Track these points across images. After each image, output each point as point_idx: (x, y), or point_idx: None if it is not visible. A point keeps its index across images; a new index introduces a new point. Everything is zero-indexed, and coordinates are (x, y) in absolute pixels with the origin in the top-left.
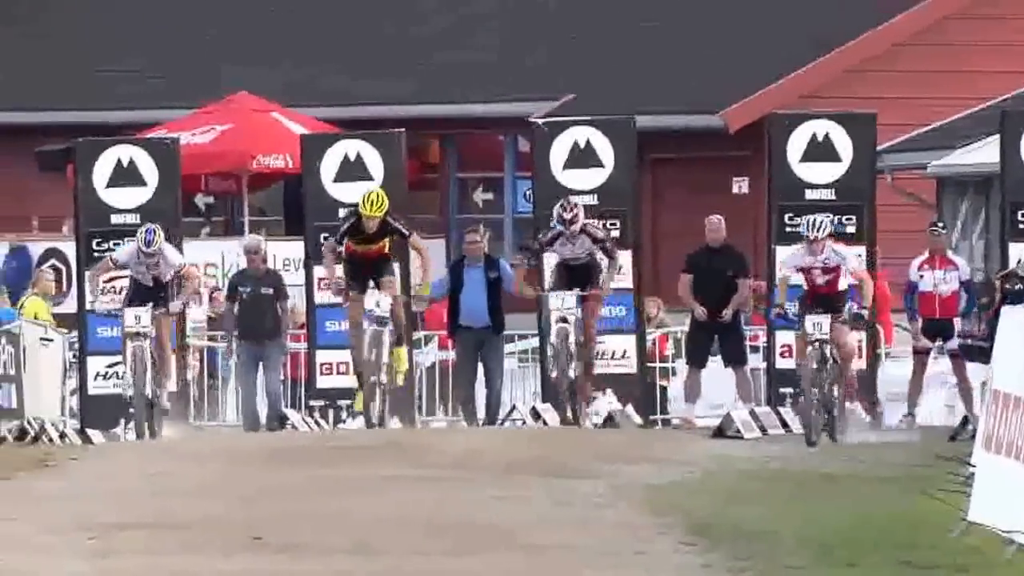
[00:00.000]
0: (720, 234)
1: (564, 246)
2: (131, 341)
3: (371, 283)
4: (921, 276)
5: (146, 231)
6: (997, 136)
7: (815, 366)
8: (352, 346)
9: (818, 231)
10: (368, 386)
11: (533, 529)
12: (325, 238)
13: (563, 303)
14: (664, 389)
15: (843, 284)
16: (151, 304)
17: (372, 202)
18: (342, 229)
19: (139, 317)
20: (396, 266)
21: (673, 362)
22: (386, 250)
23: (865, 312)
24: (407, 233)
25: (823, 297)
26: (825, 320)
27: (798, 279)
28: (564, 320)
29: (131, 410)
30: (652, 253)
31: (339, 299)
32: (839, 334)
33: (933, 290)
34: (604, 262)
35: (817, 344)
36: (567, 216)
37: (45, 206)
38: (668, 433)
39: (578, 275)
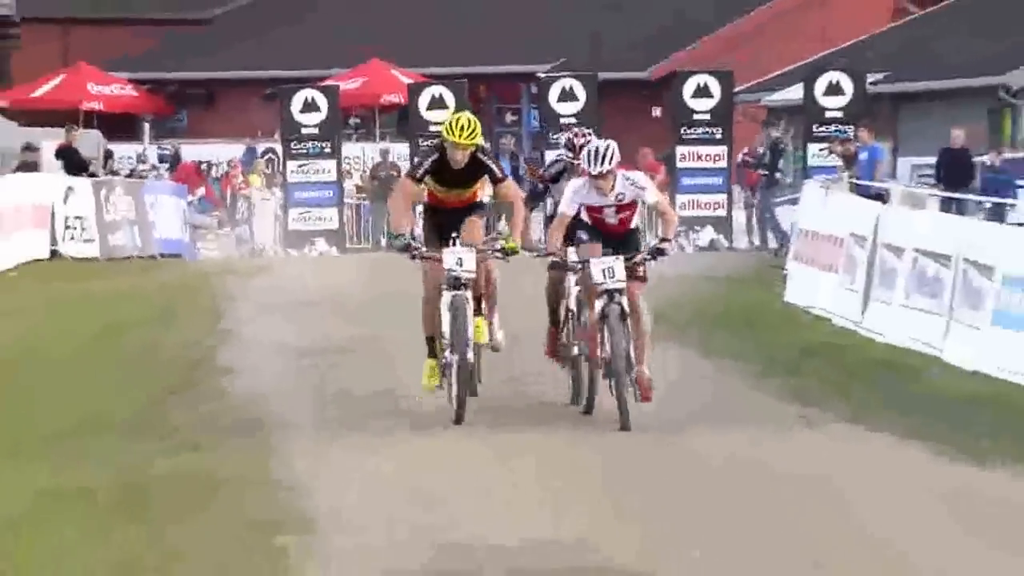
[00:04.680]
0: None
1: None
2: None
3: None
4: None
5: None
6: (801, 82)
7: (617, 327)
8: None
9: (601, 163)
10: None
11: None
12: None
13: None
14: None
15: (635, 222)
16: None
17: (462, 127)
18: (424, 166)
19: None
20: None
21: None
22: (479, 197)
23: (667, 245)
24: (501, 175)
25: (611, 239)
26: (618, 265)
27: (581, 216)
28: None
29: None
30: None
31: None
32: (632, 284)
33: None
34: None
35: (607, 296)
36: (577, 142)
37: (265, 123)
38: None
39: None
